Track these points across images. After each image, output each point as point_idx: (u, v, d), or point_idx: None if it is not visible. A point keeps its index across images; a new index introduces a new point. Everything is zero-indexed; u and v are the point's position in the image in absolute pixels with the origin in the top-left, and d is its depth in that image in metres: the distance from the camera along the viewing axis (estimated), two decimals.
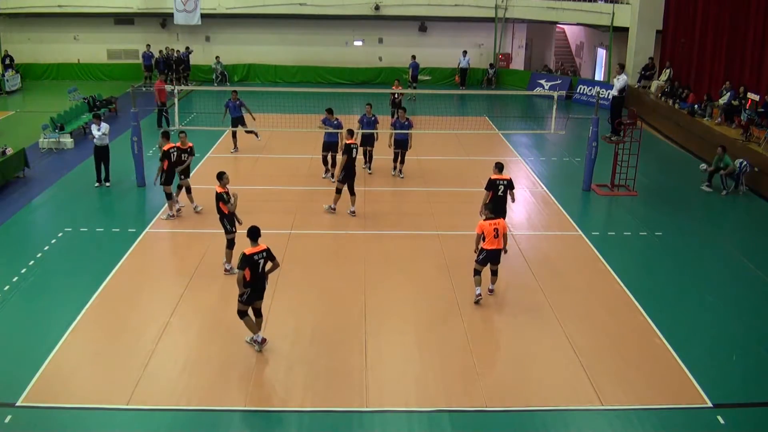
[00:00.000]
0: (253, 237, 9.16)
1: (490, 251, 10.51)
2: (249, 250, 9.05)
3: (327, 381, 8.86)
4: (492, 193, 12.30)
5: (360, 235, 13.51)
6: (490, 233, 10.41)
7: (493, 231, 10.40)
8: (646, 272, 12.30)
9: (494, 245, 10.47)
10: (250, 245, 9.12)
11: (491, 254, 10.56)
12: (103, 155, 16.13)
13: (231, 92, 19.16)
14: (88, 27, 30.90)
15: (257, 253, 9.09)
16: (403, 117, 16.61)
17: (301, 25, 30.88)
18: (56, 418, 8.12)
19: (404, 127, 16.55)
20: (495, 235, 10.42)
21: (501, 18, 30.66)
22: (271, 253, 9.21)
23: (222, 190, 11.31)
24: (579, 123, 22.50)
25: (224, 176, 11.37)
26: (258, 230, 9.22)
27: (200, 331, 10.06)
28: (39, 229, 13.82)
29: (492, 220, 10.50)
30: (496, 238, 10.43)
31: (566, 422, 8.19)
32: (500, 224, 10.50)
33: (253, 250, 9.09)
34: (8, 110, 24.83)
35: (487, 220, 10.53)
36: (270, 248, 9.24)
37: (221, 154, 19.25)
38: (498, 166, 12.54)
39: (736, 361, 9.50)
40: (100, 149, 16.08)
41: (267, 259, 9.18)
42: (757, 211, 15.66)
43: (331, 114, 16.44)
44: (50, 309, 10.52)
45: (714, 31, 21.95)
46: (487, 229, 10.43)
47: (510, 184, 12.38)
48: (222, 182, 11.33)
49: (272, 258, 9.23)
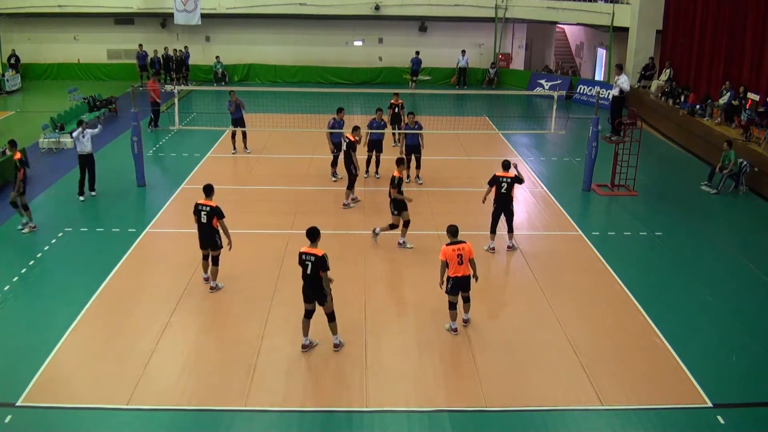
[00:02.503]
0: (310, 237, 9.12)
1: (456, 279, 9.66)
2: (303, 249, 9.11)
3: (327, 381, 8.86)
4: (495, 189, 12.40)
5: (360, 235, 13.51)
6: (454, 259, 9.58)
7: (456, 257, 9.57)
8: (646, 272, 12.30)
9: (459, 272, 9.62)
10: (308, 245, 9.14)
11: (458, 281, 9.69)
12: (89, 163, 15.28)
13: (229, 92, 18.88)
14: (88, 27, 30.92)
15: (306, 254, 9.05)
16: (413, 121, 16.32)
17: (301, 25, 30.89)
18: (56, 418, 8.12)
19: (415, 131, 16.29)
20: (459, 262, 9.58)
21: (501, 18, 30.67)
22: (323, 263, 9.00)
23: (215, 204, 10.82)
24: (579, 123, 22.51)
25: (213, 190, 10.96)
26: (315, 231, 9.15)
27: (200, 331, 10.06)
28: (39, 229, 13.81)
29: (454, 245, 9.63)
30: (460, 265, 9.60)
31: (566, 422, 8.19)
32: (464, 249, 9.63)
33: (306, 250, 9.09)
34: (8, 110, 24.84)
35: (449, 245, 9.67)
36: (326, 256, 9.02)
37: (221, 154, 19.25)
38: (504, 164, 12.65)
39: (736, 361, 9.49)
40: (84, 157, 15.18)
41: (315, 264, 9.00)
42: (757, 211, 15.66)
43: (338, 113, 16.33)
44: (50, 309, 10.52)
45: (714, 31, 21.94)
46: (450, 254, 9.58)
47: (515, 180, 12.46)
48: (212, 196, 10.89)
49: (322, 266, 9.01)
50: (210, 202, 10.80)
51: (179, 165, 18.27)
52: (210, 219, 10.75)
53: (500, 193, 12.44)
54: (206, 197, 10.84)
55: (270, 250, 12.67)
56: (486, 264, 12.25)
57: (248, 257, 12.28)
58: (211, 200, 10.83)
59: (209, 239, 10.90)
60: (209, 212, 10.74)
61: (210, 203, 10.79)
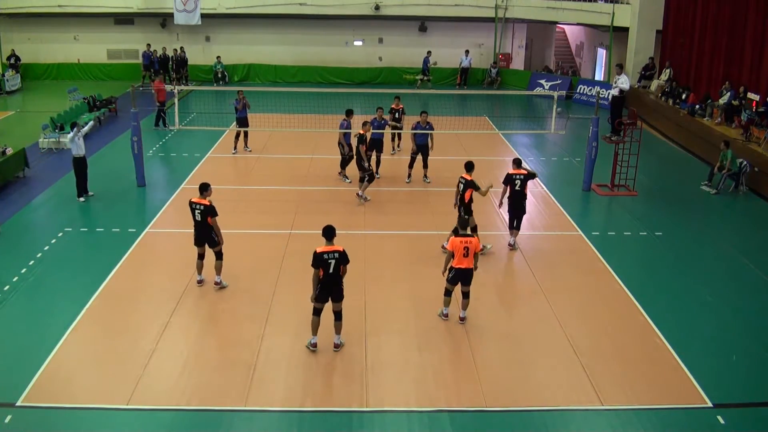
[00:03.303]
0: (327, 236, 9.11)
1: (459, 270, 9.91)
2: (320, 249, 9.05)
3: (327, 381, 8.86)
4: (510, 187, 12.59)
5: (360, 234, 13.51)
6: (460, 251, 9.81)
7: (463, 249, 9.80)
8: (646, 272, 12.30)
9: (463, 264, 9.86)
10: (324, 244, 9.11)
11: (461, 273, 9.94)
12: (84, 166, 15.14)
13: (237, 92, 18.84)
14: (88, 27, 30.91)
15: (328, 253, 9.04)
16: (425, 121, 16.25)
17: (301, 25, 30.88)
18: (56, 418, 8.12)
19: (426, 131, 16.24)
20: (465, 254, 9.80)
21: (501, 18, 30.67)
22: (345, 257, 9.11)
23: (209, 203, 10.83)
24: (579, 123, 22.50)
25: (209, 188, 10.95)
26: (332, 229, 9.15)
27: (200, 331, 10.06)
28: (39, 229, 13.82)
29: (464, 237, 9.87)
30: (465, 257, 9.82)
31: (566, 422, 8.20)
32: (472, 242, 9.85)
33: (325, 249, 9.06)
34: (8, 110, 24.84)
35: (458, 236, 9.93)
36: (345, 250, 9.14)
37: (221, 154, 19.26)
38: (515, 161, 12.86)
39: (736, 361, 9.49)
40: (79, 160, 15.03)
41: (339, 261, 9.06)
42: (757, 211, 15.66)
43: (348, 116, 16.29)
44: (50, 309, 10.52)
45: (714, 31, 21.95)
46: (458, 246, 9.82)
47: (528, 177, 12.61)
48: (208, 194, 10.86)
49: (344, 261, 9.12)
50: (204, 201, 10.80)
51: (179, 165, 18.27)
52: (204, 217, 10.79)
53: (515, 190, 12.58)
54: (200, 195, 10.85)
55: (270, 250, 12.67)
56: (486, 264, 12.25)
57: (248, 257, 12.29)
58: (205, 198, 10.82)
59: (206, 236, 10.94)
60: (203, 211, 10.77)
61: (204, 201, 10.80)
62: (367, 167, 15.11)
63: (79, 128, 15.18)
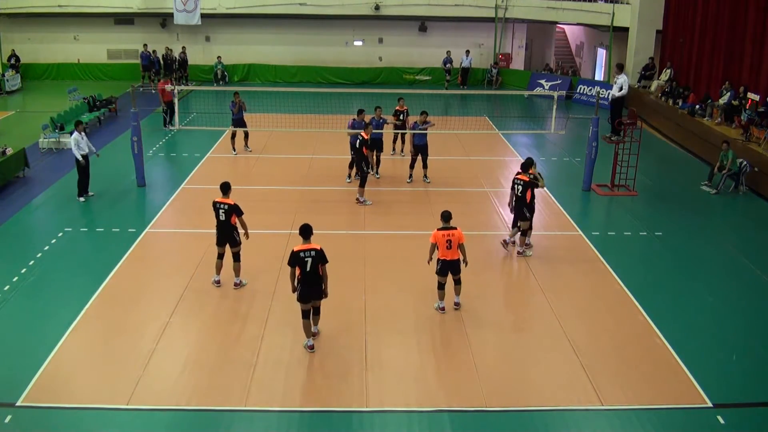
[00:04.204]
0: (304, 235, 9.11)
1: (444, 261, 10.21)
2: (297, 247, 9.06)
3: (327, 381, 8.86)
4: (511, 191, 12.52)
5: (360, 235, 13.51)
6: (443, 243, 10.12)
7: (445, 242, 10.10)
8: (646, 272, 12.29)
9: (448, 256, 10.16)
10: (302, 242, 9.11)
11: (447, 264, 10.23)
12: (88, 165, 15.14)
13: (233, 93, 18.88)
14: (88, 27, 30.92)
15: (305, 251, 9.03)
16: (422, 121, 16.25)
17: (301, 25, 30.89)
18: (56, 418, 8.12)
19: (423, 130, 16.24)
20: (447, 246, 10.10)
21: (501, 18, 30.67)
22: (322, 255, 9.09)
23: (233, 202, 10.91)
24: (579, 123, 22.51)
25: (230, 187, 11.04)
26: (309, 228, 9.16)
27: (200, 331, 10.05)
28: (39, 229, 13.82)
29: (445, 231, 10.12)
30: (448, 249, 10.11)
31: (566, 422, 8.19)
32: (454, 235, 10.10)
33: (302, 247, 9.06)
34: (8, 110, 24.84)
35: (441, 230, 10.16)
36: (323, 249, 9.12)
37: (221, 154, 19.25)
38: (522, 165, 12.60)
39: (736, 361, 9.49)
40: (84, 159, 14.99)
41: (316, 259, 9.04)
42: (757, 211, 15.66)
43: (358, 115, 16.25)
44: (50, 309, 10.51)
45: (714, 31, 21.94)
46: (440, 239, 10.13)
47: (528, 184, 12.20)
48: (229, 193, 10.97)
49: (322, 260, 9.10)
50: (228, 200, 10.89)
51: (179, 165, 18.28)
52: (228, 216, 10.86)
53: (515, 195, 12.39)
54: (223, 195, 10.92)
55: (270, 250, 12.67)
56: (486, 264, 12.26)
57: (248, 257, 12.25)
58: (228, 198, 10.92)
59: (228, 236, 10.98)
60: (227, 210, 10.83)
61: (228, 201, 10.89)
62: (366, 169, 15.05)
63: (83, 127, 15.23)
